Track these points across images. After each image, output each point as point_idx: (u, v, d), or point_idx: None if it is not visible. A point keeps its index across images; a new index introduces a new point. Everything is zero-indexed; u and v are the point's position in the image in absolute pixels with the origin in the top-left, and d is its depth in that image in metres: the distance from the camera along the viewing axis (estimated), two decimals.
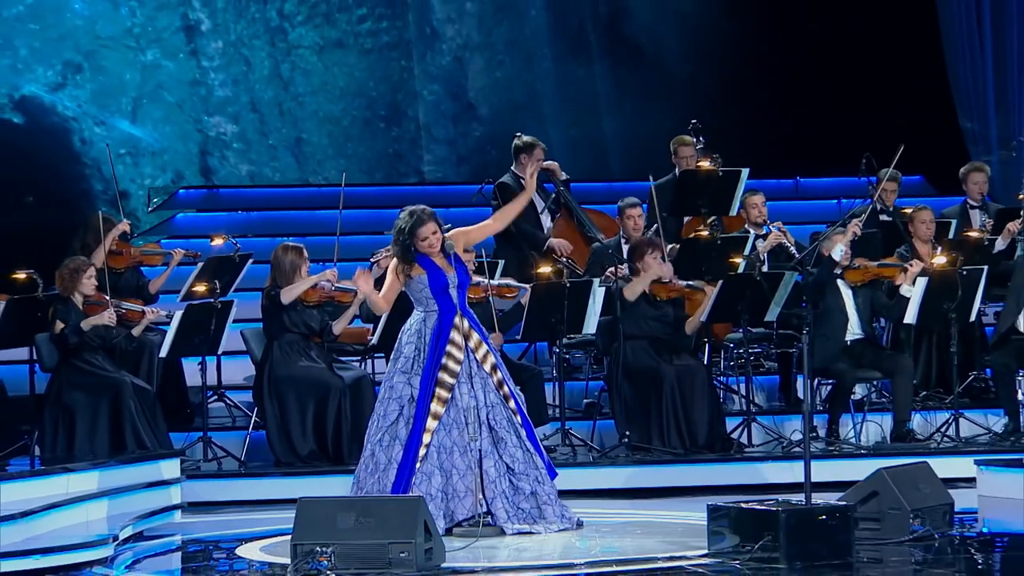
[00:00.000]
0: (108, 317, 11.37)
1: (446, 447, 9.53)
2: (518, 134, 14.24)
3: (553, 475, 9.75)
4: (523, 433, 9.66)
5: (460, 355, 9.61)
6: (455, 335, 9.63)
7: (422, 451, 9.48)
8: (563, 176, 14.00)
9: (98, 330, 11.37)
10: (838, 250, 12.01)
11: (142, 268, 12.98)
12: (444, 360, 9.58)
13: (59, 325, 11.29)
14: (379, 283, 9.83)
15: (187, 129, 21.10)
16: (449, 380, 9.56)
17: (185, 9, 20.52)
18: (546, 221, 13.89)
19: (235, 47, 20.79)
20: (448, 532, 9.34)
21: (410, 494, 9.31)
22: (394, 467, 9.53)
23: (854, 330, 12.21)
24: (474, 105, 21.04)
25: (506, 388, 9.80)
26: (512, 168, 14.02)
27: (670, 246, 12.34)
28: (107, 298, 11.52)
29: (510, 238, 13.28)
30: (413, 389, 9.62)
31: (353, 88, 21.07)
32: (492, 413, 9.62)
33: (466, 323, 9.70)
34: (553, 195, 13.96)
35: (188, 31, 20.64)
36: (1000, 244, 13.17)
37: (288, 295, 11.31)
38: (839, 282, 12.20)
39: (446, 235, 9.69)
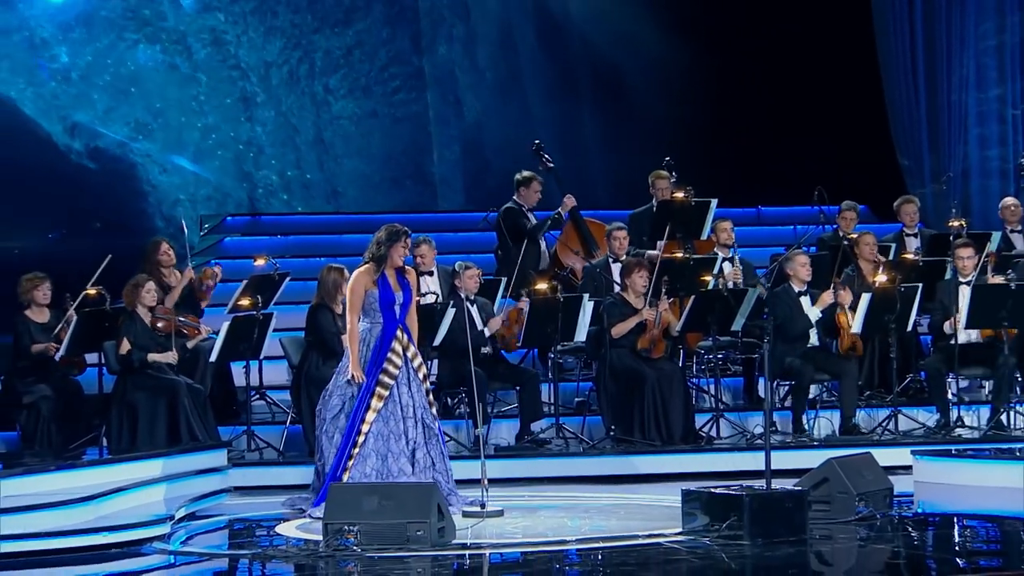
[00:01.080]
0: (172, 357, 11.35)
1: (383, 435, 9.73)
2: (521, 172, 14.20)
3: None
4: (439, 435, 9.85)
5: (399, 361, 9.77)
6: (396, 345, 9.77)
7: (360, 438, 9.60)
8: (573, 203, 13.94)
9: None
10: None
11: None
12: (385, 365, 9.74)
13: (125, 344, 11.22)
14: None
15: (237, 178, 21.35)
16: (388, 381, 9.72)
17: (244, 84, 20.81)
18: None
19: (285, 116, 21.00)
20: None
21: (346, 476, 9.56)
22: (334, 451, 9.71)
23: (812, 340, 12.18)
24: (488, 161, 21.08)
25: (430, 396, 9.95)
26: (514, 197, 14.07)
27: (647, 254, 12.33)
28: (172, 314, 11.56)
29: (509, 259, 13.32)
30: (354, 388, 9.75)
31: (384, 151, 21.28)
32: (424, 414, 9.78)
33: (405, 336, 9.82)
34: (548, 220, 13.89)
35: (244, 101, 20.91)
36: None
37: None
38: (805, 301, 12.19)
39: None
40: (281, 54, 21.27)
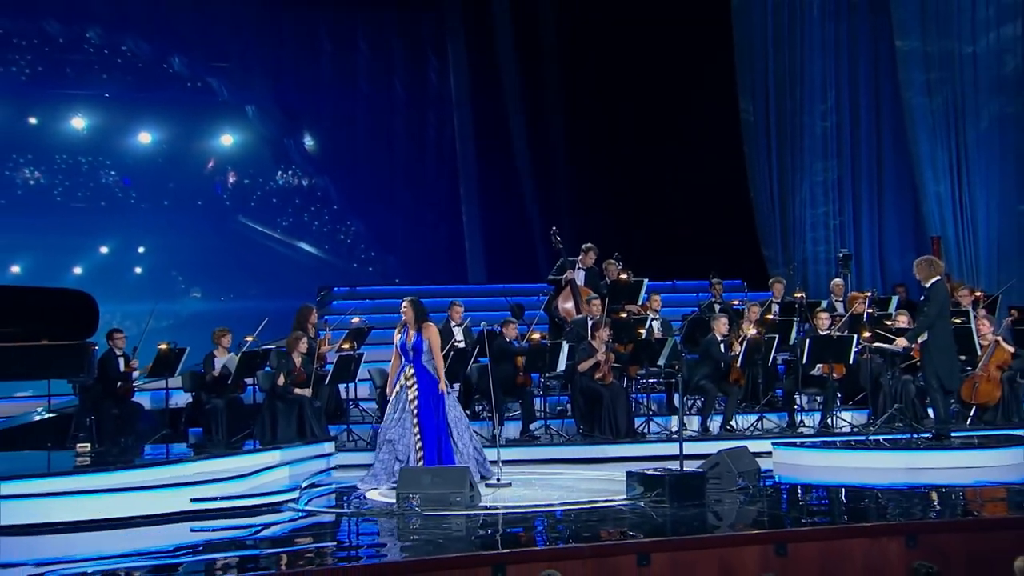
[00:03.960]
0: (308, 392, 11.34)
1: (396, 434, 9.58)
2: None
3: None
4: (415, 438, 9.56)
5: (396, 391, 9.64)
6: (401, 377, 9.61)
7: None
8: (572, 276, 13.38)
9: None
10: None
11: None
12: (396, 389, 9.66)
13: (281, 378, 11.23)
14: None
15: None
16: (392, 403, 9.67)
17: None
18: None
19: None
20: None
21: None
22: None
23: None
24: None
25: (416, 411, 9.58)
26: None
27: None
28: (305, 375, 11.45)
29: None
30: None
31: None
32: (406, 424, 9.58)
33: (410, 370, 9.59)
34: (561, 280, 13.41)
35: None
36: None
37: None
38: (722, 343, 12.16)
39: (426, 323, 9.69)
40: None
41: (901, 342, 10.96)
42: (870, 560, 7.21)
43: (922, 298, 10.64)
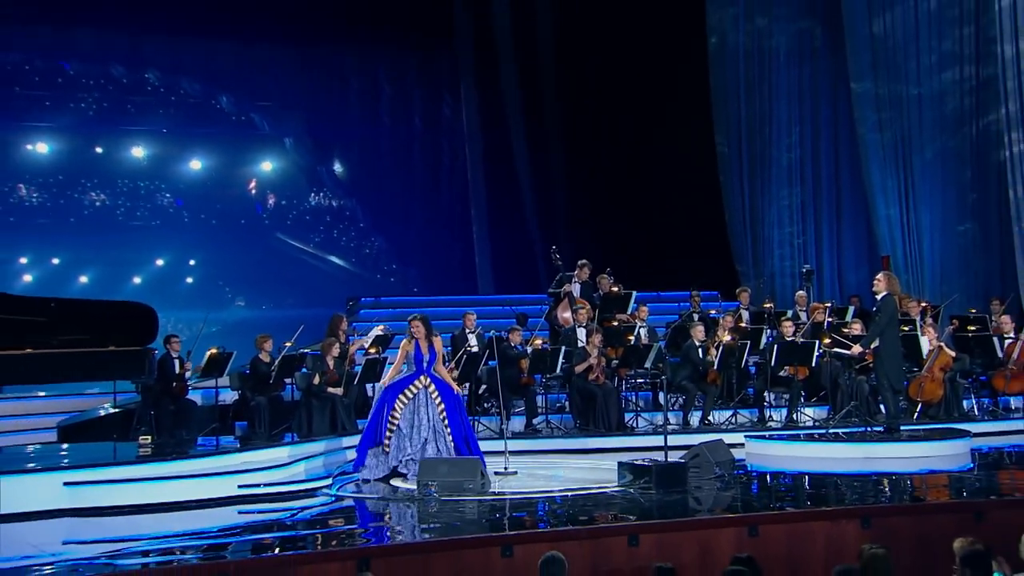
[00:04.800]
0: (340, 392, 11.31)
1: (406, 432, 9.29)
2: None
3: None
4: (449, 437, 9.28)
5: (411, 393, 9.27)
6: (415, 383, 9.29)
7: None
8: (571, 289, 13.38)
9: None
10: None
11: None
12: (400, 394, 9.29)
13: (317, 378, 11.21)
14: None
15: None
16: (404, 401, 9.26)
17: None
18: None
19: None
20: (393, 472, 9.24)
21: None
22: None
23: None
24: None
25: (445, 416, 9.29)
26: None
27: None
28: (337, 375, 11.41)
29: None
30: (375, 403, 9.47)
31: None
32: (436, 424, 9.25)
33: (426, 379, 9.31)
34: (560, 293, 13.36)
35: None
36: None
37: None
38: (700, 348, 12.14)
39: (435, 336, 9.51)
40: None
41: (856, 348, 10.98)
42: (830, 540, 7.21)
43: (874, 309, 10.66)
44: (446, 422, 9.31)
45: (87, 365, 9.30)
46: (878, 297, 10.50)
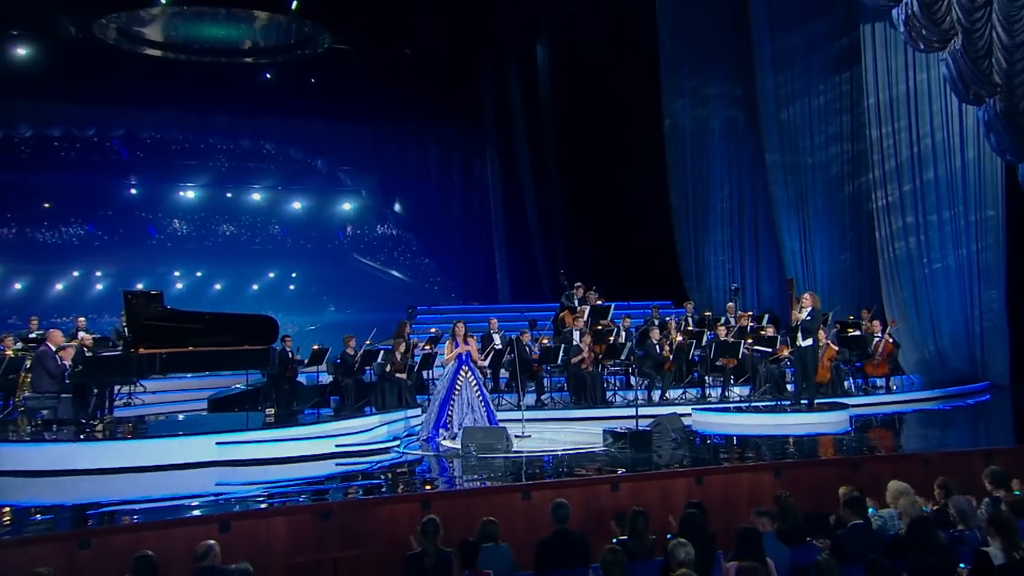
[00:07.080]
0: (404, 376, 11.15)
1: (463, 408, 9.28)
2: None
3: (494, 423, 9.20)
4: (482, 411, 9.29)
5: (461, 379, 9.27)
6: (462, 372, 9.29)
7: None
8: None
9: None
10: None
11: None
12: (455, 384, 9.27)
13: (389, 366, 11.05)
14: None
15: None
16: (456, 388, 9.26)
17: None
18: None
19: None
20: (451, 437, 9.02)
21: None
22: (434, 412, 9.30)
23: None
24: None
25: (479, 394, 9.29)
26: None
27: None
28: (402, 365, 11.23)
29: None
30: (443, 385, 9.37)
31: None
32: (473, 402, 9.25)
33: (466, 369, 9.29)
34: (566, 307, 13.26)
35: None
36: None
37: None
38: (657, 345, 12.05)
39: (471, 336, 9.54)
40: None
41: (783, 351, 10.88)
42: (753, 487, 7.24)
43: (808, 317, 10.26)
44: (481, 400, 9.40)
45: (229, 359, 9.38)
46: (807, 308, 10.21)
